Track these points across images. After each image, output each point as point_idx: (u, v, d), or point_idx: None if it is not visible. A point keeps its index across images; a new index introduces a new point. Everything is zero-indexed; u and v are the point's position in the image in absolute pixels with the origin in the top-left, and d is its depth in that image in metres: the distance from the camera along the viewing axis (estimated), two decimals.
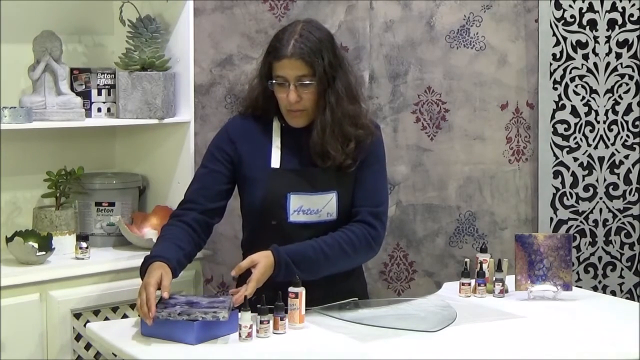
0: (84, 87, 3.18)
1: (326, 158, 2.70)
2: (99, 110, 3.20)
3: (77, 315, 2.93)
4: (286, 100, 2.67)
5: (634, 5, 3.65)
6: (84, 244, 3.02)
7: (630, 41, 3.66)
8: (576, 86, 3.63)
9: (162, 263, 2.56)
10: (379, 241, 2.78)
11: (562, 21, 3.59)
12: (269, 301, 2.41)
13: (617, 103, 3.68)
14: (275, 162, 2.73)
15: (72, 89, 3.14)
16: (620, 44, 3.66)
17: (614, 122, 3.68)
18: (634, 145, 3.71)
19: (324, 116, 2.69)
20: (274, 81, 2.68)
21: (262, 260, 2.58)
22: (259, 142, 2.76)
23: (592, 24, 3.62)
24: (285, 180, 2.69)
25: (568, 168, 3.64)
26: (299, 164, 2.74)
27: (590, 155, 3.66)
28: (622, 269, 3.73)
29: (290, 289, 2.48)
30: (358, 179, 2.76)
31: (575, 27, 3.61)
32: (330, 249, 2.68)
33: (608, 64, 3.65)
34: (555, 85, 3.60)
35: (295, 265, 2.60)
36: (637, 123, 3.70)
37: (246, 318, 2.37)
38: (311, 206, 2.70)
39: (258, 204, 2.68)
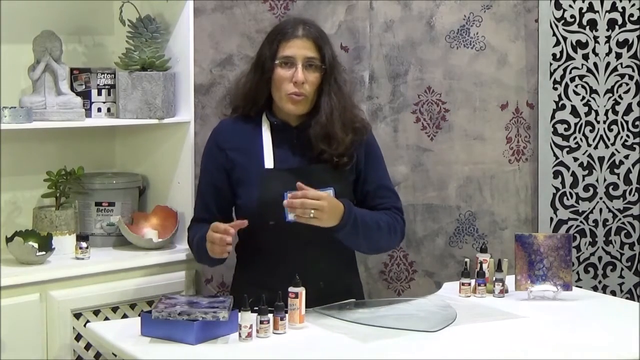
0: (84, 87, 3.18)
1: (332, 141, 2.72)
2: (99, 110, 3.20)
3: (77, 315, 2.93)
4: (290, 82, 2.69)
5: (634, 5, 3.65)
6: (84, 244, 3.02)
7: (630, 41, 3.66)
8: (576, 86, 3.63)
9: None
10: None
11: (562, 21, 3.59)
12: (269, 301, 2.41)
13: (617, 103, 3.68)
14: (269, 162, 2.73)
15: (72, 89, 3.14)
16: (620, 44, 3.66)
17: (614, 122, 3.68)
18: (634, 145, 3.71)
19: (330, 100, 2.73)
20: (278, 61, 2.70)
21: (330, 199, 2.60)
22: (250, 144, 2.76)
23: (592, 24, 3.62)
24: (281, 179, 2.70)
25: (568, 168, 3.64)
26: (292, 162, 2.74)
27: (590, 155, 3.66)
28: (622, 269, 3.73)
29: (290, 289, 2.49)
30: (369, 176, 2.80)
31: (575, 27, 3.61)
32: (383, 223, 2.74)
33: (608, 64, 3.65)
34: (555, 85, 3.60)
35: (360, 224, 2.65)
36: (637, 123, 3.70)
37: (246, 318, 2.37)
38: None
39: (255, 206, 2.67)
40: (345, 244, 2.72)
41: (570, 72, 3.61)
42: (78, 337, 2.94)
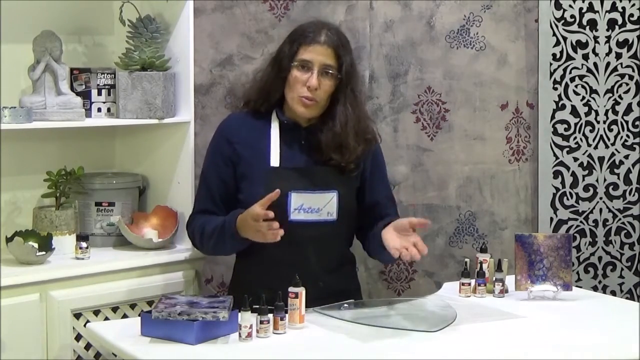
0: (84, 87, 3.18)
1: (344, 150, 2.73)
2: (99, 110, 3.20)
3: (77, 315, 2.93)
4: (304, 85, 2.69)
5: (634, 5, 3.64)
6: (84, 244, 3.02)
7: (630, 41, 3.66)
8: (576, 86, 3.63)
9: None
10: None
11: (562, 21, 3.59)
12: (269, 301, 2.41)
13: (617, 103, 3.67)
14: (275, 160, 2.74)
15: (72, 89, 3.14)
16: (620, 44, 3.66)
17: (614, 122, 3.68)
18: (634, 145, 3.71)
19: (345, 110, 2.75)
20: (296, 63, 2.71)
21: None
22: (257, 140, 2.77)
23: (592, 24, 3.62)
24: (286, 178, 2.70)
25: (568, 168, 3.64)
26: (298, 162, 2.75)
27: (590, 155, 3.66)
28: (622, 269, 3.73)
29: (290, 289, 2.49)
30: (377, 185, 2.85)
31: (575, 27, 3.61)
32: None
33: (608, 64, 3.65)
34: (555, 85, 3.60)
35: None
36: (637, 123, 3.70)
37: (246, 318, 2.37)
38: (312, 205, 2.70)
39: None
40: (379, 257, 2.84)
41: (570, 72, 3.61)
42: (78, 337, 2.94)
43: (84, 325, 2.87)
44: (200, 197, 2.84)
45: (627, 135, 3.70)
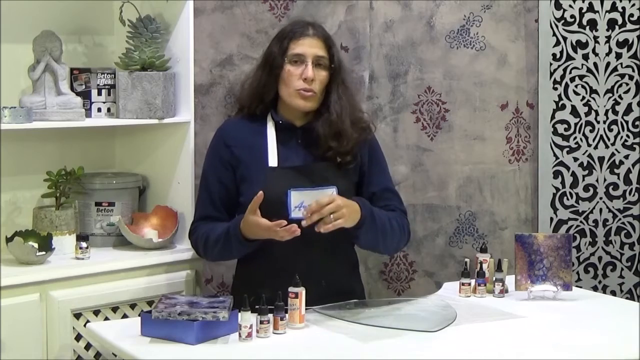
0: (84, 87, 3.18)
1: (342, 138, 2.75)
2: (99, 110, 3.20)
3: (77, 315, 2.93)
4: (299, 79, 2.72)
5: (634, 5, 3.65)
6: (84, 244, 3.02)
7: (630, 41, 3.66)
8: (576, 86, 3.63)
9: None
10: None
11: (562, 21, 3.59)
12: (269, 301, 2.41)
13: (617, 103, 3.67)
14: (273, 160, 2.75)
15: (72, 89, 3.14)
16: (620, 44, 3.66)
17: (614, 122, 3.68)
18: (634, 145, 3.71)
19: (339, 99, 2.77)
20: (288, 58, 2.73)
21: (341, 197, 2.62)
22: (255, 142, 2.78)
23: (592, 24, 3.62)
24: (285, 177, 2.71)
25: (568, 168, 3.64)
26: (296, 160, 2.76)
27: (590, 155, 3.66)
28: (622, 269, 3.73)
29: (290, 289, 2.49)
30: (374, 178, 2.84)
31: (575, 27, 3.61)
32: (394, 221, 2.77)
33: (608, 64, 3.65)
34: (555, 85, 3.60)
35: (375, 220, 2.68)
36: (637, 123, 3.70)
37: (246, 318, 2.37)
38: (312, 202, 2.69)
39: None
40: (365, 243, 2.76)
41: (570, 72, 3.61)
42: (78, 337, 2.94)
43: (84, 325, 2.87)
44: (201, 203, 2.84)
45: (627, 135, 3.70)
